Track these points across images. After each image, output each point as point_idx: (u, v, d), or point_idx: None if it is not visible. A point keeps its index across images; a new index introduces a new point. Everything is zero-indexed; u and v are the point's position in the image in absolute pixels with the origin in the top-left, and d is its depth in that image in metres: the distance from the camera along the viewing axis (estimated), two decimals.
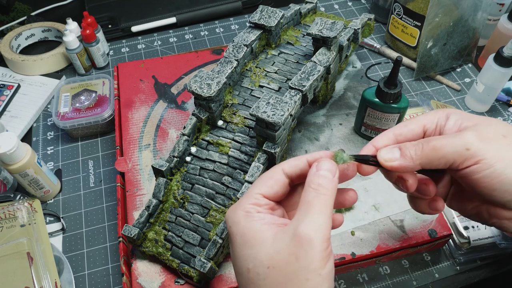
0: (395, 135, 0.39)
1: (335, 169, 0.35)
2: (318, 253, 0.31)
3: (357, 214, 0.60)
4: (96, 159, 0.74)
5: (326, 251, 0.31)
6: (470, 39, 0.82)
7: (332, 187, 0.34)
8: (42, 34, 0.92)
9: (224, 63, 0.59)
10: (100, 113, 0.73)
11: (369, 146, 0.39)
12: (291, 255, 0.31)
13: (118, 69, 0.79)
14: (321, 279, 0.31)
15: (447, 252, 0.61)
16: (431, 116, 0.39)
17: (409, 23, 0.81)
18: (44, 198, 0.68)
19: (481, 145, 0.33)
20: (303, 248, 0.31)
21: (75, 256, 0.63)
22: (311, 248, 0.31)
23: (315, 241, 0.31)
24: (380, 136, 0.39)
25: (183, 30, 0.96)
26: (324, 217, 0.32)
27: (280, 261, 0.31)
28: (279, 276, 0.31)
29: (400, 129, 0.39)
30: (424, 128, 0.39)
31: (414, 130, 0.39)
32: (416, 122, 0.39)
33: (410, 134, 0.39)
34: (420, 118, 0.39)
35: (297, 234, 0.31)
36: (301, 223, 0.32)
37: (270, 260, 0.32)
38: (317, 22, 0.61)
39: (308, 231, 0.31)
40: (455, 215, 0.62)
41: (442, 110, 0.39)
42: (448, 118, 0.38)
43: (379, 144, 0.38)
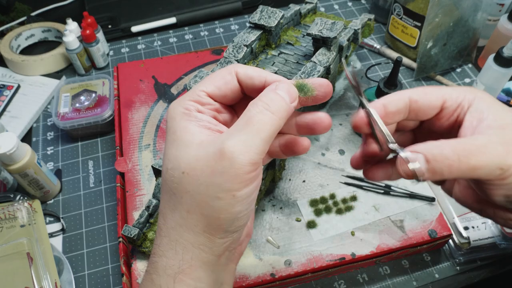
0: (411, 101, 0.34)
1: (295, 96, 0.31)
2: (238, 174, 0.28)
3: (357, 214, 0.60)
4: (96, 160, 0.74)
5: (249, 175, 0.29)
6: (470, 39, 0.82)
7: (284, 110, 0.30)
8: (42, 34, 0.92)
9: (224, 63, 0.59)
10: (100, 113, 0.73)
11: (378, 103, 0.33)
12: (208, 167, 0.29)
13: (118, 69, 0.79)
14: (233, 201, 0.29)
15: (447, 252, 0.61)
16: (456, 94, 0.34)
17: (409, 24, 0.82)
18: (44, 198, 0.68)
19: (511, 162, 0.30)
20: (222, 164, 0.28)
21: (75, 257, 0.63)
22: (230, 167, 0.28)
23: (237, 161, 0.28)
24: (395, 96, 0.34)
25: (183, 30, 0.96)
26: (259, 140, 0.29)
27: (196, 170, 0.29)
28: (191, 185, 0.29)
29: (418, 96, 0.34)
30: (443, 105, 0.34)
31: (432, 103, 0.34)
32: (437, 95, 0.34)
33: (426, 105, 0.34)
34: (443, 91, 0.34)
35: (221, 148, 0.28)
36: (232, 137, 0.29)
37: (187, 165, 0.29)
38: (317, 22, 0.61)
39: (233, 148, 0.28)
40: (455, 215, 0.62)
41: (470, 91, 0.34)
42: (472, 105, 0.33)
43: (391, 107, 0.33)
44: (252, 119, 0.29)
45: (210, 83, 0.33)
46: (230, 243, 0.32)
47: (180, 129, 0.31)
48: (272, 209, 0.61)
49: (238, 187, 0.29)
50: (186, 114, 0.31)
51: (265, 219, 0.60)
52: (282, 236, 0.59)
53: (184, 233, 0.31)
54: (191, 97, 0.32)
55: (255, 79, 0.33)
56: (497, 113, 0.32)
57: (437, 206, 0.61)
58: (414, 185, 0.63)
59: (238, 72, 0.33)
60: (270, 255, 0.57)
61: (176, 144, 0.31)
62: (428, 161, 0.30)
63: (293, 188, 0.63)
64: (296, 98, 0.31)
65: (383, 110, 0.33)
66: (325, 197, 0.62)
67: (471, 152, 0.30)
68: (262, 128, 0.29)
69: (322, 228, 0.59)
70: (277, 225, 0.60)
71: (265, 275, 0.55)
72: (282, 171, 0.65)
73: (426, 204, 0.61)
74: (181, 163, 0.30)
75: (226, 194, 0.29)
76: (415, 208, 0.61)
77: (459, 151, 0.30)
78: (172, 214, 0.31)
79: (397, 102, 0.33)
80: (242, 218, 0.31)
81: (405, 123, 0.36)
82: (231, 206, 0.29)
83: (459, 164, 0.29)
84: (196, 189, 0.29)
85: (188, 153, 0.30)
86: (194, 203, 0.30)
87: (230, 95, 0.33)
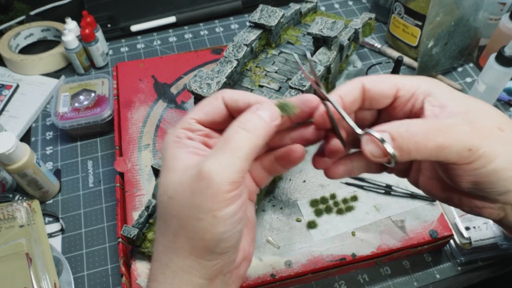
0: (365, 90, 0.33)
1: (276, 116, 0.31)
2: (216, 194, 0.28)
3: (358, 214, 0.60)
4: (95, 159, 0.74)
5: (228, 194, 0.29)
6: (471, 38, 0.82)
7: (262, 128, 0.30)
8: (41, 33, 0.92)
9: (224, 63, 0.59)
10: (99, 113, 0.73)
11: (335, 96, 0.33)
12: (189, 189, 0.29)
13: (117, 68, 0.79)
14: (215, 221, 0.29)
15: (448, 252, 0.61)
16: (409, 83, 0.34)
17: (410, 23, 0.82)
18: (43, 198, 0.68)
19: (481, 143, 0.30)
20: (200, 184, 0.29)
21: (74, 257, 0.63)
22: (207, 187, 0.28)
23: (214, 181, 0.28)
24: (349, 86, 0.33)
25: (183, 29, 0.96)
26: (235, 158, 0.29)
27: (179, 193, 0.30)
28: (175, 209, 0.30)
29: (371, 84, 0.33)
30: (397, 94, 0.33)
31: (385, 91, 0.33)
32: (390, 83, 0.33)
33: (379, 94, 0.33)
34: (397, 80, 0.34)
35: (199, 169, 0.29)
36: (209, 158, 0.29)
37: (172, 190, 0.30)
38: (317, 21, 0.61)
39: (210, 168, 0.28)
40: (457, 215, 0.62)
41: (424, 81, 0.34)
42: (430, 95, 0.33)
43: (348, 97, 0.33)
44: (228, 139, 0.30)
45: (198, 110, 0.34)
46: (221, 265, 0.31)
47: (170, 157, 0.32)
48: (272, 210, 0.61)
49: (218, 206, 0.29)
50: (176, 142, 0.33)
51: (265, 219, 0.60)
52: (282, 237, 0.59)
53: (173, 257, 0.31)
54: (182, 125, 0.34)
55: (239, 102, 0.33)
56: (458, 100, 0.32)
57: (438, 206, 0.61)
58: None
59: (224, 97, 0.34)
60: (270, 256, 0.57)
61: (166, 171, 0.32)
62: (394, 138, 0.30)
63: (293, 188, 0.63)
64: (278, 117, 0.32)
65: (341, 102, 0.33)
66: (326, 197, 0.62)
67: (440, 129, 0.30)
68: (237, 146, 0.29)
69: (322, 229, 0.59)
70: (277, 226, 0.60)
71: (265, 275, 0.55)
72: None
73: (427, 204, 0.61)
74: (168, 188, 0.31)
75: (207, 214, 0.29)
76: (416, 208, 0.61)
77: (427, 128, 0.30)
78: (162, 238, 0.32)
79: (353, 92, 0.33)
80: (228, 239, 0.30)
81: (363, 116, 0.36)
82: (213, 226, 0.29)
83: (426, 142, 0.29)
84: (180, 212, 0.30)
85: (173, 178, 0.31)
86: (179, 226, 0.30)
87: (218, 119, 0.34)
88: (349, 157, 0.36)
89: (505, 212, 0.34)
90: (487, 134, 0.30)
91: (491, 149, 0.30)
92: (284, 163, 0.36)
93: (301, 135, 0.35)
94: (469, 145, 0.29)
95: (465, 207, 0.35)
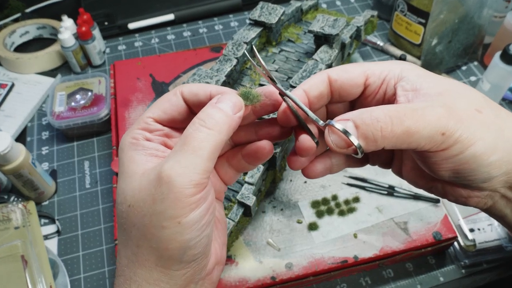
0: (331, 81, 0.32)
1: (240, 106, 0.30)
2: (179, 199, 0.27)
3: (360, 216, 0.60)
4: (92, 160, 0.74)
5: (192, 198, 0.27)
6: (476, 36, 0.82)
7: (224, 123, 0.28)
8: (36, 31, 0.92)
9: (223, 61, 0.59)
10: (96, 113, 0.73)
11: (299, 90, 0.32)
12: (149, 196, 0.27)
13: (114, 67, 0.79)
14: (180, 228, 0.27)
15: (452, 255, 0.61)
16: (379, 69, 0.32)
17: (413, 20, 0.81)
18: (38, 199, 0.68)
19: (456, 127, 0.28)
20: (161, 190, 0.27)
21: (71, 259, 0.63)
22: (169, 192, 0.27)
23: (175, 184, 0.26)
24: (314, 79, 0.32)
25: (181, 27, 0.96)
26: (197, 159, 0.27)
27: (139, 201, 0.28)
28: (136, 218, 0.28)
29: (337, 75, 0.32)
30: (366, 81, 0.32)
31: (353, 80, 0.32)
32: (358, 71, 0.32)
33: (348, 84, 0.32)
34: (365, 67, 0.32)
35: (158, 173, 0.27)
36: (168, 160, 0.27)
37: (131, 197, 0.28)
38: (318, 19, 0.61)
39: (169, 172, 0.27)
40: (461, 217, 0.62)
41: (395, 64, 0.32)
42: (402, 78, 0.31)
43: (313, 91, 0.32)
44: (188, 138, 0.28)
45: (156, 107, 0.32)
46: (191, 274, 0.30)
47: (127, 161, 0.30)
48: (273, 211, 0.61)
49: (182, 212, 0.27)
50: (133, 144, 0.31)
51: (265, 221, 0.60)
52: (282, 239, 0.59)
53: (137, 270, 0.29)
54: (138, 125, 0.31)
55: (200, 95, 0.31)
56: (432, 81, 0.30)
57: (442, 207, 0.61)
58: None
59: (183, 92, 0.32)
60: (271, 258, 0.57)
61: (123, 176, 0.30)
62: (357, 126, 0.28)
63: (294, 189, 0.63)
64: (242, 108, 0.30)
65: (306, 96, 0.32)
66: (327, 198, 0.62)
67: (406, 114, 0.28)
68: (199, 145, 0.27)
69: (324, 230, 0.59)
70: (277, 227, 0.60)
71: (265, 278, 0.55)
72: (283, 172, 0.64)
73: (431, 206, 0.61)
74: (126, 196, 0.29)
75: (170, 222, 0.27)
76: (420, 209, 0.61)
77: (391, 113, 0.28)
78: (124, 250, 0.30)
79: (318, 85, 0.32)
80: (195, 246, 0.28)
81: (335, 109, 0.35)
82: (179, 234, 0.27)
83: (392, 127, 0.28)
84: (141, 221, 0.28)
85: (132, 183, 0.29)
86: (141, 236, 0.28)
87: (178, 117, 0.32)
88: (327, 153, 0.35)
89: (493, 201, 0.32)
90: (463, 117, 0.28)
91: (468, 132, 0.28)
92: (252, 160, 0.34)
93: (267, 131, 0.34)
94: (442, 129, 0.28)
95: (450, 197, 0.34)
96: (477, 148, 0.28)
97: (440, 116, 0.28)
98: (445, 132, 0.28)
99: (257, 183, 0.55)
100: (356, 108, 0.33)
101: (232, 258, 0.57)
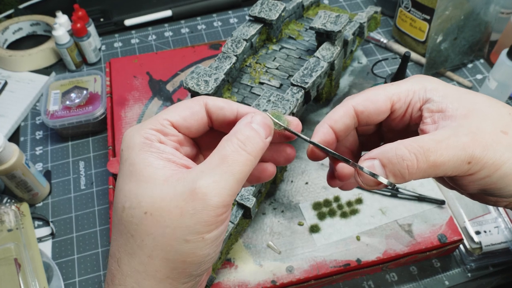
0: (357, 112, 0.33)
1: (270, 130, 0.31)
2: (209, 216, 0.27)
3: (363, 218, 0.60)
4: (88, 160, 0.74)
5: (220, 217, 0.28)
6: (482, 33, 0.82)
7: (260, 149, 0.29)
8: (30, 28, 0.92)
9: (223, 59, 0.59)
10: (91, 112, 0.73)
11: (324, 127, 0.33)
12: (176, 208, 0.27)
13: (110, 65, 0.79)
14: (202, 244, 0.28)
15: (458, 258, 0.61)
16: (404, 91, 0.33)
17: (418, 17, 0.82)
18: (32, 201, 0.68)
19: (482, 154, 0.29)
20: (194, 206, 0.27)
21: (65, 263, 0.63)
22: (202, 209, 0.27)
23: (210, 203, 0.27)
24: (338, 112, 0.33)
25: (179, 23, 0.96)
26: (233, 181, 0.28)
27: (161, 211, 0.28)
28: (155, 227, 0.28)
29: (363, 105, 0.33)
30: (392, 107, 0.33)
31: (379, 108, 0.33)
32: (383, 98, 0.33)
33: (374, 112, 0.33)
34: (390, 92, 0.34)
35: (194, 188, 0.27)
36: (205, 177, 0.27)
37: (151, 205, 0.28)
38: (320, 15, 0.61)
39: (206, 190, 0.27)
40: (467, 219, 0.62)
41: (419, 84, 0.34)
42: (428, 100, 0.33)
43: (338, 125, 0.33)
44: (227, 158, 0.28)
45: (175, 112, 0.31)
46: (192, 286, 0.31)
47: (140, 162, 0.29)
48: (273, 213, 0.61)
49: (209, 229, 0.28)
50: (146, 145, 0.30)
51: (265, 223, 0.60)
52: (283, 241, 0.59)
53: (143, 281, 0.29)
54: (152, 125, 0.31)
55: (226, 110, 0.32)
56: (457, 101, 0.32)
57: (447, 209, 0.61)
58: (423, 187, 0.63)
59: (207, 103, 0.32)
60: (271, 261, 0.57)
61: (135, 179, 0.29)
62: (384, 165, 0.30)
63: (295, 190, 0.63)
64: (272, 132, 0.31)
65: (331, 132, 0.33)
66: (329, 199, 0.62)
67: (430, 148, 0.29)
68: (238, 169, 0.28)
69: (325, 233, 0.59)
70: (278, 230, 0.60)
71: (265, 282, 0.55)
72: (283, 173, 0.65)
73: (436, 207, 0.61)
74: (142, 202, 0.28)
75: (195, 236, 0.28)
76: (424, 211, 0.61)
77: (415, 149, 0.29)
78: (129, 259, 0.29)
79: (343, 119, 0.33)
80: (209, 261, 0.30)
81: (363, 129, 0.37)
82: (200, 249, 0.28)
83: (417, 164, 0.29)
84: (161, 232, 0.28)
85: (151, 191, 0.28)
86: (157, 246, 0.28)
87: (196, 127, 0.32)
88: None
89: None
90: (488, 142, 0.30)
91: (495, 157, 0.30)
92: (253, 179, 0.34)
93: (273, 156, 0.34)
94: (468, 158, 0.29)
95: (477, 200, 0.35)
96: (504, 170, 0.30)
97: (465, 146, 0.29)
98: (471, 161, 0.29)
99: (257, 184, 0.55)
100: (383, 127, 0.36)
101: (231, 261, 0.57)
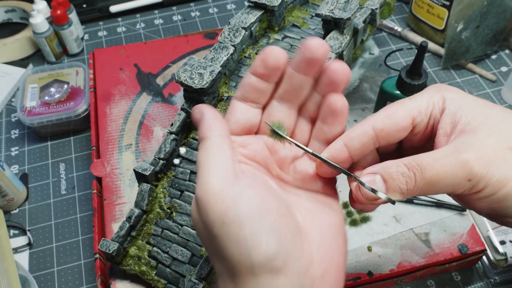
0: (376, 131, 0.35)
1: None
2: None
3: (375, 226, 0.60)
4: (69, 162, 0.74)
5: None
6: (508, 21, 0.82)
7: None
8: (5, 15, 0.92)
9: (219, 49, 0.59)
10: (73, 108, 0.73)
11: (339, 144, 0.35)
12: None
13: (94, 56, 0.79)
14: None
15: (481, 270, 0.61)
16: (423, 103, 0.35)
17: (436, 3, 0.81)
18: (7, 207, 0.68)
19: (483, 171, 0.31)
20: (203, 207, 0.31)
21: (44, 276, 0.63)
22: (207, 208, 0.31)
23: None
24: (355, 130, 0.35)
25: (171, 10, 0.96)
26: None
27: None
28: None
29: (382, 122, 0.35)
30: (413, 122, 0.35)
31: (400, 125, 0.35)
32: (403, 113, 0.35)
33: (394, 130, 0.35)
34: (409, 107, 0.35)
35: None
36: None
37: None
38: (327, 1, 0.61)
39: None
40: (490, 227, 0.62)
41: (437, 93, 0.35)
42: (443, 111, 0.35)
43: (354, 144, 0.35)
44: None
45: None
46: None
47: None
48: None
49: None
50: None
51: None
52: None
53: None
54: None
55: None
56: (470, 113, 0.34)
57: (468, 216, 0.61)
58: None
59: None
60: None
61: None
62: (385, 180, 0.33)
63: None
64: None
65: (345, 150, 0.35)
66: None
67: (427, 165, 0.32)
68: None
69: None
70: None
71: None
72: None
73: (456, 215, 0.61)
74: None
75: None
76: (443, 219, 0.61)
77: (413, 166, 0.32)
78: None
79: (360, 137, 0.35)
80: None
81: (384, 147, 0.38)
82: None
83: (415, 181, 0.32)
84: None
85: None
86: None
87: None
88: None
89: None
90: (492, 159, 0.32)
91: (499, 174, 0.31)
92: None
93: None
94: (467, 175, 0.31)
95: (495, 221, 0.37)
96: (510, 188, 0.31)
97: (463, 163, 0.31)
98: (471, 178, 0.31)
99: None
100: (405, 145, 0.38)
101: None
